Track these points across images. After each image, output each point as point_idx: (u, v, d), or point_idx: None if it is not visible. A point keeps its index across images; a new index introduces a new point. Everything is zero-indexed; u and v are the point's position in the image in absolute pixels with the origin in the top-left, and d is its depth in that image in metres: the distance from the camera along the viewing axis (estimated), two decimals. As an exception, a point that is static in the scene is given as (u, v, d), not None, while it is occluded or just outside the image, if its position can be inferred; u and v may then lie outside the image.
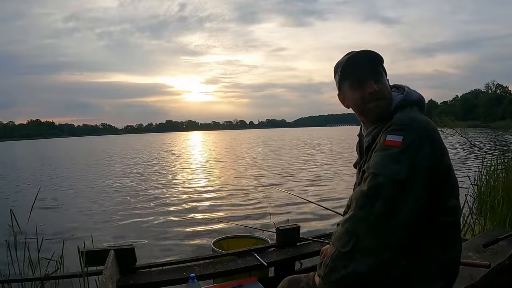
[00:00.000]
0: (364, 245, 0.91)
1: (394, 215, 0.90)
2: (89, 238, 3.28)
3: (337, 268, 0.95)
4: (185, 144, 40.90)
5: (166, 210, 6.06)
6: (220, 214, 5.68)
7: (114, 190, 8.50)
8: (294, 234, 2.09)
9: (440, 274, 0.99)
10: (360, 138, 1.22)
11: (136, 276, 1.69)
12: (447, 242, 1.00)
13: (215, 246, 2.31)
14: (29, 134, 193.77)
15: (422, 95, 1.10)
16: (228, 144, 34.47)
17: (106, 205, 6.65)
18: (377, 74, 1.08)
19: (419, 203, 0.92)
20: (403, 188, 0.91)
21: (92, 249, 1.79)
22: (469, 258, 1.52)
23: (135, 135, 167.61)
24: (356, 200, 0.96)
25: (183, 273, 1.72)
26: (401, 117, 1.00)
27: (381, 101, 1.06)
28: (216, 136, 73.51)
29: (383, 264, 0.92)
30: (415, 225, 0.93)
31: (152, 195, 7.53)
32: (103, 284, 1.33)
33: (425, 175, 0.92)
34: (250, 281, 1.74)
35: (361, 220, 0.92)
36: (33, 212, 3.18)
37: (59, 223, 5.29)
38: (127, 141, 61.75)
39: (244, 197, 6.91)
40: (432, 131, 0.96)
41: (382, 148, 0.96)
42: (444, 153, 0.98)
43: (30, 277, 1.98)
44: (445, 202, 0.99)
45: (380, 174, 0.93)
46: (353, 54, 1.10)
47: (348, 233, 0.94)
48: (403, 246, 0.93)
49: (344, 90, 1.14)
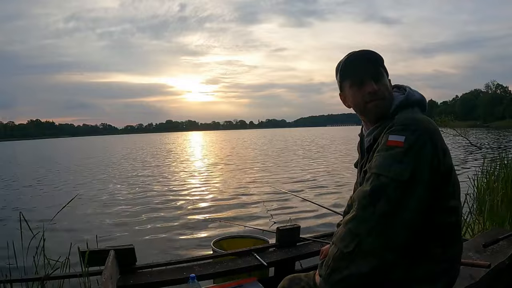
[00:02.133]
0: (367, 245, 0.91)
1: (397, 215, 0.90)
2: (89, 238, 3.27)
3: (339, 269, 0.95)
4: (185, 144, 40.90)
5: (166, 210, 6.06)
6: (220, 214, 5.68)
7: (114, 190, 8.49)
8: (294, 234, 2.09)
9: (441, 274, 0.99)
10: (361, 138, 1.22)
11: (136, 276, 1.69)
12: (448, 242, 1.00)
13: (215, 246, 2.31)
14: (29, 134, 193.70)
15: (423, 95, 1.10)
16: (228, 144, 34.46)
17: (106, 205, 6.65)
18: (377, 74, 1.08)
19: (422, 204, 0.92)
20: (406, 189, 0.90)
21: (92, 249, 1.78)
22: (469, 258, 1.52)
23: (135, 135, 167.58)
24: (359, 200, 0.95)
25: (183, 273, 1.72)
26: (403, 117, 1.00)
27: (381, 101, 1.06)
28: (216, 136, 73.50)
29: (385, 265, 0.92)
30: (418, 225, 0.93)
31: (152, 195, 7.53)
32: (103, 284, 1.33)
33: (427, 175, 0.92)
34: (250, 281, 1.74)
35: (364, 221, 0.92)
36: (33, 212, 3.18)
37: (59, 223, 5.27)
38: (127, 141, 61.75)
39: (244, 197, 6.91)
40: (434, 132, 0.96)
41: (384, 148, 0.96)
42: (446, 153, 0.98)
43: (30, 277, 1.97)
44: (447, 202, 0.98)
45: (383, 174, 0.92)
46: (353, 55, 1.11)
47: (350, 233, 0.94)
48: (405, 247, 0.93)
49: (345, 90, 1.14)
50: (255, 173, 10.56)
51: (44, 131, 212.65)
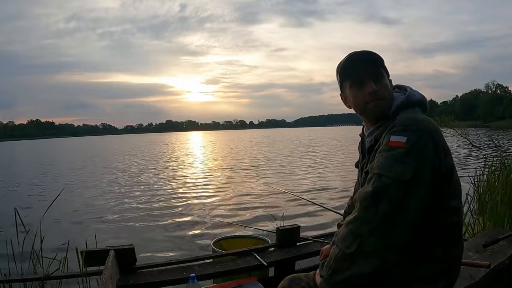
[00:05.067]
0: (369, 246, 0.91)
1: (399, 216, 0.90)
2: (89, 238, 3.27)
3: (341, 269, 0.95)
4: (185, 144, 40.88)
5: (166, 210, 6.06)
6: (220, 214, 5.67)
7: (114, 190, 8.49)
8: (294, 234, 2.09)
9: (441, 275, 0.99)
10: (362, 138, 1.22)
11: (136, 276, 1.69)
12: (449, 242, 1.00)
13: (215, 246, 2.31)
14: (29, 134, 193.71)
15: (424, 95, 1.10)
16: (228, 144, 34.45)
17: (106, 205, 6.65)
18: (377, 74, 1.08)
19: (424, 204, 0.92)
20: (408, 189, 0.90)
21: (92, 249, 1.78)
22: (469, 258, 1.52)
23: (135, 135, 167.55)
24: (361, 201, 0.95)
25: (183, 273, 1.72)
26: (404, 118, 1.00)
27: (381, 101, 1.06)
28: (216, 136, 73.48)
29: (387, 265, 0.92)
30: (420, 226, 0.93)
31: (152, 195, 7.53)
32: (103, 284, 1.33)
33: (429, 175, 0.92)
34: (250, 281, 1.74)
35: (366, 221, 0.92)
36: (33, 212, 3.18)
37: (59, 223, 5.28)
38: (127, 141, 61.71)
39: (244, 197, 6.91)
40: (435, 132, 0.96)
41: (386, 149, 0.96)
42: (447, 153, 0.98)
43: (30, 277, 1.97)
44: (448, 203, 0.99)
45: (385, 175, 0.92)
46: (353, 55, 1.11)
47: (352, 234, 0.93)
48: (407, 247, 0.93)
49: (345, 90, 1.15)
50: (255, 173, 10.56)
51: (44, 131, 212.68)
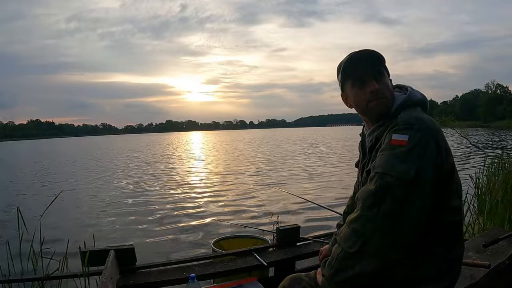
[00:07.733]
0: (372, 245, 0.90)
1: (402, 215, 0.89)
2: (89, 238, 3.27)
3: (344, 269, 0.94)
4: (185, 144, 40.88)
5: (166, 210, 6.05)
6: (220, 214, 5.67)
7: (114, 190, 8.49)
8: (294, 234, 2.09)
9: (443, 274, 0.99)
10: (363, 138, 1.22)
11: (136, 276, 1.69)
12: (451, 241, 1.00)
13: (215, 246, 2.31)
14: (29, 134, 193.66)
15: (425, 95, 1.10)
16: (228, 144, 34.44)
17: (106, 205, 6.64)
18: (378, 73, 1.08)
19: (427, 203, 0.92)
20: (411, 188, 0.90)
21: (92, 249, 1.78)
22: (469, 258, 1.52)
23: (135, 135, 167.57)
24: (363, 199, 0.94)
25: (183, 273, 1.72)
26: (406, 116, 1.00)
27: (382, 100, 1.06)
28: (216, 136, 73.49)
29: (389, 265, 0.92)
30: (423, 224, 0.93)
31: (152, 195, 7.53)
32: (103, 284, 1.33)
33: (432, 174, 0.92)
34: (250, 281, 1.74)
35: (369, 220, 0.91)
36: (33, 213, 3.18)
37: (59, 223, 5.28)
38: (126, 141, 61.73)
39: (244, 197, 6.91)
40: (437, 131, 0.96)
41: (388, 147, 0.96)
42: (448, 152, 0.98)
43: (30, 277, 1.98)
44: (450, 202, 0.99)
45: (388, 173, 0.92)
46: (355, 54, 1.11)
47: (355, 233, 0.93)
48: (409, 246, 0.92)
49: (346, 90, 1.15)
50: (255, 173, 10.56)
51: (44, 131, 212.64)
